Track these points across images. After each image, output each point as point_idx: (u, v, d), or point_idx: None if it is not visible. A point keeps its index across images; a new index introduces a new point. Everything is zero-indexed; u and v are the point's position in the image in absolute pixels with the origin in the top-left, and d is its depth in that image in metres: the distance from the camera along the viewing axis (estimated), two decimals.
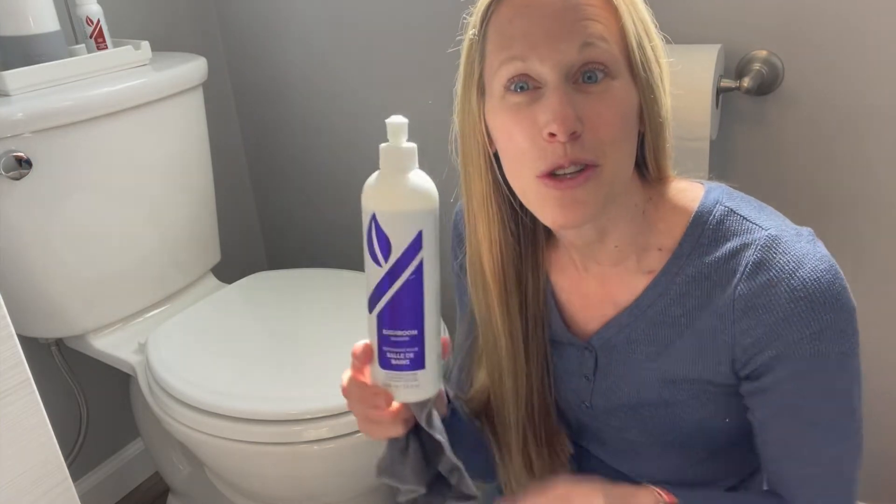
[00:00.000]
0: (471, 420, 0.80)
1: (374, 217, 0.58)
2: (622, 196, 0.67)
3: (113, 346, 1.32)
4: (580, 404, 0.79)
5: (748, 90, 1.07)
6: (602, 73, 0.61)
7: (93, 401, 1.50)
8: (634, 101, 0.63)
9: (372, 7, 1.43)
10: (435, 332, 0.62)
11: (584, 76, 0.60)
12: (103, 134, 1.21)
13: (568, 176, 0.61)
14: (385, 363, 0.61)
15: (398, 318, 0.60)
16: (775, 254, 0.63)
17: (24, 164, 1.11)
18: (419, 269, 0.59)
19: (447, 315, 1.24)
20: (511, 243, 0.72)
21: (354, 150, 1.60)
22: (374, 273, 0.59)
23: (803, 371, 0.63)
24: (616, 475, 0.81)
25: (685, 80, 1.04)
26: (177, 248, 1.40)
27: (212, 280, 1.51)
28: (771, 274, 0.63)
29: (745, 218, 0.67)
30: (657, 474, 0.77)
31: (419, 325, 0.60)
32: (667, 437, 0.75)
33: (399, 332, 0.60)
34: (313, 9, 1.51)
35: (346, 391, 0.66)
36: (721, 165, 1.16)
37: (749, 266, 0.64)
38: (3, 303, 0.67)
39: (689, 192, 0.71)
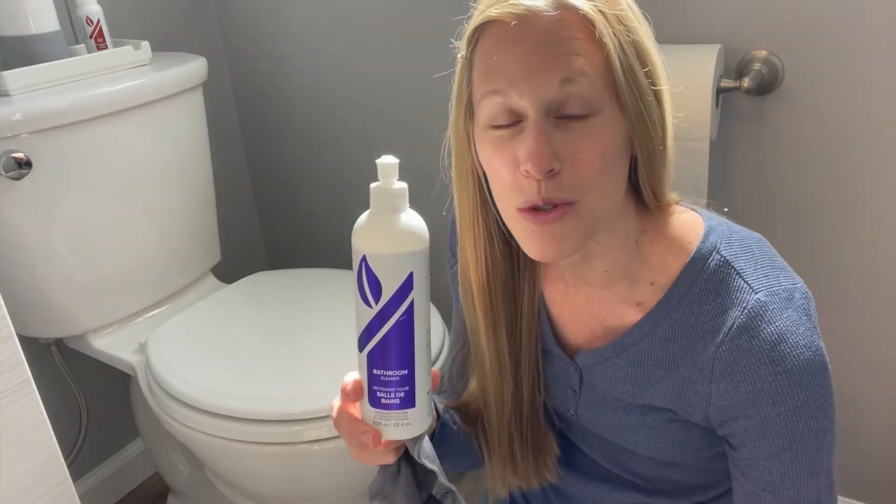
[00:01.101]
0: (463, 427, 0.80)
1: (364, 259, 0.58)
2: (613, 224, 0.66)
3: (113, 346, 1.32)
4: (566, 411, 0.80)
5: (748, 90, 1.07)
6: (584, 112, 0.59)
7: (93, 401, 1.50)
8: (621, 131, 0.61)
9: (372, 7, 1.43)
10: (425, 369, 0.61)
11: (566, 115, 0.59)
12: (103, 134, 1.21)
13: (545, 211, 0.61)
14: (375, 402, 0.61)
15: (388, 358, 0.59)
16: (761, 322, 0.62)
17: (24, 164, 1.11)
18: (410, 310, 0.58)
19: (445, 315, 1.24)
20: (499, 261, 0.71)
21: (354, 149, 1.60)
22: (365, 313, 0.59)
23: (783, 447, 0.63)
24: (603, 472, 0.82)
25: (685, 80, 1.05)
26: (177, 248, 1.40)
27: (212, 280, 1.51)
28: (753, 343, 0.62)
29: (739, 274, 0.65)
30: (645, 473, 0.78)
31: (409, 364, 0.60)
32: (648, 451, 0.75)
33: (389, 373, 0.60)
34: (313, 9, 1.51)
35: (336, 423, 0.66)
36: (721, 165, 1.16)
37: (734, 329, 0.63)
38: (3, 303, 0.67)
39: (688, 228, 0.69)
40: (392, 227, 0.58)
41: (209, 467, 1.27)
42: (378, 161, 0.58)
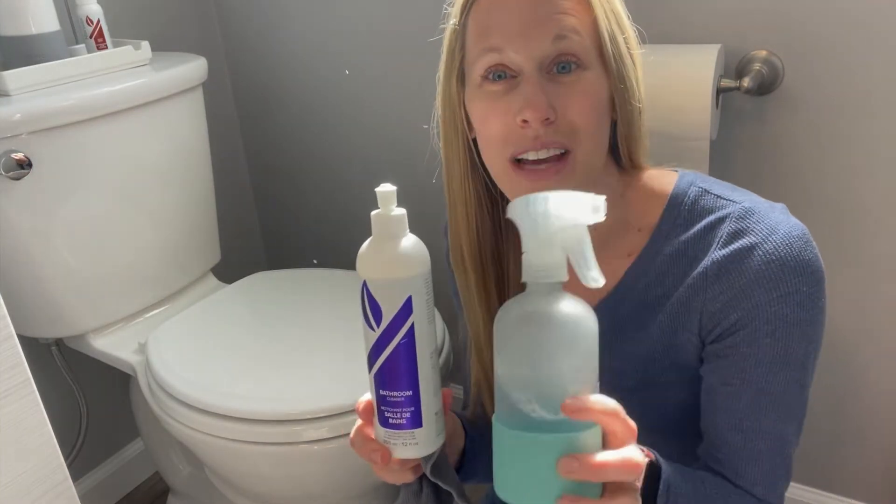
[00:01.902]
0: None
1: (364, 284, 0.61)
2: (598, 181, 0.68)
3: (113, 346, 1.32)
4: None
5: (748, 90, 1.07)
6: (574, 65, 0.63)
7: (93, 401, 1.50)
8: (606, 91, 0.66)
9: (373, 7, 1.43)
10: (432, 390, 0.63)
11: (558, 67, 0.64)
12: (103, 134, 1.21)
13: (540, 167, 0.64)
14: (383, 421, 0.63)
15: (393, 379, 0.61)
16: (750, 222, 0.66)
17: (24, 164, 1.11)
18: (410, 333, 0.60)
19: (448, 315, 1.24)
20: (488, 224, 0.74)
21: (354, 149, 1.60)
22: (369, 336, 0.62)
23: (762, 333, 0.65)
24: None
25: (685, 80, 1.05)
26: (177, 248, 1.40)
27: (212, 280, 1.51)
28: (746, 240, 0.65)
29: (719, 196, 0.69)
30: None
31: (414, 385, 0.61)
32: (652, 421, 0.75)
33: (395, 393, 0.62)
34: (313, 9, 1.51)
35: (352, 442, 0.68)
36: (721, 165, 1.16)
37: (724, 236, 0.66)
38: (3, 303, 0.67)
39: (664, 177, 0.73)
40: (389, 254, 0.60)
41: (209, 467, 1.27)
42: (377, 189, 0.60)
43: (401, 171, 1.52)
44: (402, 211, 0.61)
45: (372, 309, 0.60)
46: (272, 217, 1.85)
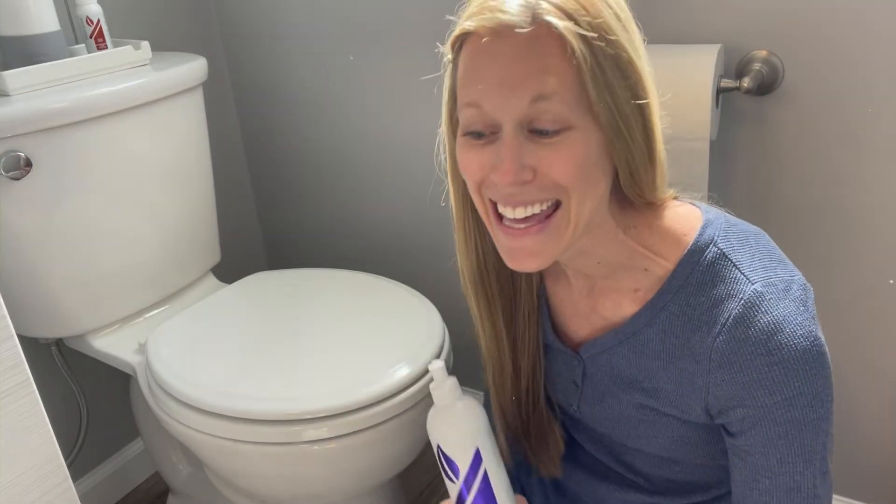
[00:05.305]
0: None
1: (439, 447, 0.72)
2: (595, 225, 0.66)
3: (113, 346, 1.32)
4: (569, 406, 0.80)
5: (748, 90, 1.07)
6: (555, 125, 0.59)
7: (93, 401, 1.50)
8: (596, 146, 0.61)
9: (373, 7, 1.43)
10: None
11: (538, 130, 0.60)
12: (103, 134, 1.21)
13: (519, 226, 0.63)
14: None
15: None
16: (757, 312, 0.63)
17: (24, 164, 1.11)
18: (486, 478, 0.70)
19: (448, 315, 1.24)
20: (490, 250, 0.73)
21: (355, 149, 1.60)
22: (452, 487, 0.72)
23: (780, 435, 0.64)
24: (605, 469, 0.82)
25: (685, 80, 1.05)
26: (177, 248, 1.40)
27: (212, 280, 1.51)
28: (750, 333, 0.63)
29: (735, 266, 0.66)
30: (646, 471, 0.78)
31: None
32: (649, 447, 0.76)
33: None
34: (313, 9, 1.51)
35: None
36: (721, 165, 1.16)
37: (731, 319, 0.63)
38: (3, 303, 0.67)
39: (683, 221, 0.69)
40: (453, 417, 0.71)
41: (209, 467, 1.27)
42: (430, 366, 0.71)
43: (401, 172, 1.52)
44: (454, 379, 0.71)
45: (449, 466, 0.71)
46: (272, 217, 1.85)
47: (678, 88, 1.05)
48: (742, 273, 0.65)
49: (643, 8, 0.65)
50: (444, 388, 0.71)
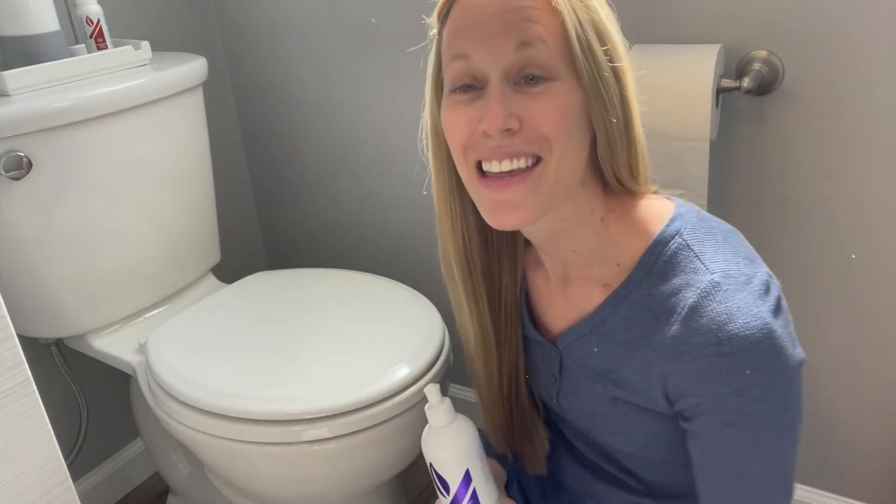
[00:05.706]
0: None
1: (431, 465, 0.76)
2: (576, 198, 0.67)
3: (113, 346, 1.32)
4: (550, 400, 0.81)
5: (748, 90, 1.07)
6: (541, 75, 0.61)
7: (93, 401, 1.50)
8: (579, 103, 0.63)
9: (373, 6, 1.43)
10: None
11: (525, 78, 0.62)
12: (103, 134, 1.21)
13: (503, 177, 0.63)
14: None
15: None
16: (711, 302, 0.62)
17: (24, 164, 1.11)
18: (474, 496, 0.75)
19: (448, 315, 1.24)
20: (475, 236, 0.74)
21: (355, 149, 1.60)
22: (443, 502, 0.77)
23: (728, 422, 0.64)
24: (596, 468, 0.82)
25: (685, 80, 1.05)
26: (177, 248, 1.40)
27: (212, 280, 1.51)
28: (701, 322, 0.62)
29: (697, 256, 0.66)
30: (634, 471, 0.79)
31: None
32: (626, 445, 0.76)
33: None
34: (313, 9, 1.51)
35: None
36: (721, 165, 1.16)
37: (686, 309, 0.64)
38: (3, 303, 0.67)
39: (657, 213, 0.70)
40: (445, 438, 0.75)
41: (209, 467, 1.27)
42: (425, 390, 0.74)
43: (401, 172, 1.52)
44: (448, 401, 0.75)
45: (441, 483, 0.75)
46: (272, 217, 1.85)
47: (678, 88, 1.05)
48: (703, 263, 0.65)
49: (644, 8, 0.66)
50: (439, 410, 0.75)
